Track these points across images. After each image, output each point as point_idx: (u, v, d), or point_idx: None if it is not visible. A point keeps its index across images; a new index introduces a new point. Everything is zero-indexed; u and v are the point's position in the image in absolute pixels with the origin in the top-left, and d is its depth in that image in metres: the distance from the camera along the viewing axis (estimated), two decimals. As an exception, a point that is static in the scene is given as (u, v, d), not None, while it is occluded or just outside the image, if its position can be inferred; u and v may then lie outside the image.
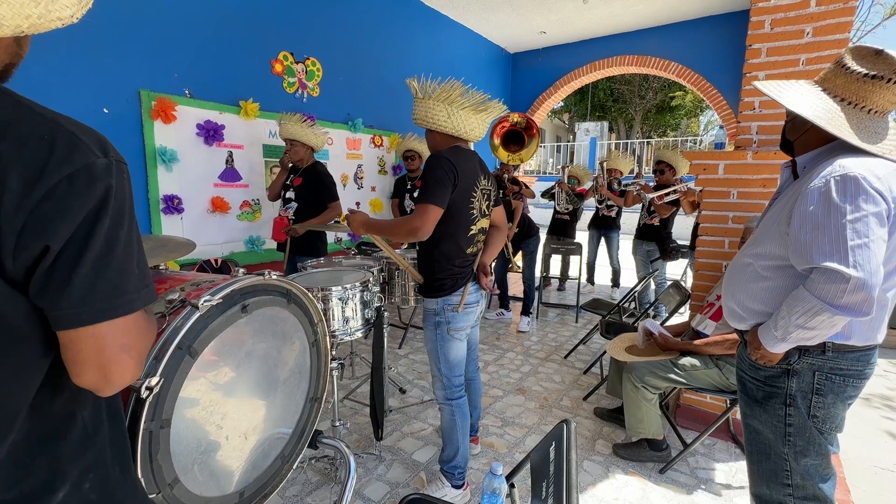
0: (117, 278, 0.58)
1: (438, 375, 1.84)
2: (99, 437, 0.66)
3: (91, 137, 0.57)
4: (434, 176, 1.62)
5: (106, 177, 0.56)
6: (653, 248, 4.32)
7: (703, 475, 2.10)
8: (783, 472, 1.27)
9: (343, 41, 3.93)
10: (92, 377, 0.58)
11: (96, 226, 0.55)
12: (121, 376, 0.60)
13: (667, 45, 5.33)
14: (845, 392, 1.18)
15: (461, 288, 1.79)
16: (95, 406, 0.66)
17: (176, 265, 2.79)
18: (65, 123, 0.55)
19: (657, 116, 20.40)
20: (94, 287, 0.55)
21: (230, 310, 1.04)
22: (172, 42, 2.80)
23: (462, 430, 1.87)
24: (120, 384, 0.61)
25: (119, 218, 0.57)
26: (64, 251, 0.53)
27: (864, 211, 1.02)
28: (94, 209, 0.54)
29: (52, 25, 0.55)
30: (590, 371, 3.21)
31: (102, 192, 0.55)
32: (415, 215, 1.62)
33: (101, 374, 0.58)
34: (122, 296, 0.58)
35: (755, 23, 2.23)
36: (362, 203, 4.38)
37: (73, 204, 0.53)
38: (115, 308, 0.57)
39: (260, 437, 1.20)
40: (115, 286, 0.57)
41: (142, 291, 0.61)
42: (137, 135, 2.70)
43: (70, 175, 0.52)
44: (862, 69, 1.11)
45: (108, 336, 0.57)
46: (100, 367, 0.58)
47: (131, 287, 0.59)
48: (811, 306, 1.06)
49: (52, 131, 0.53)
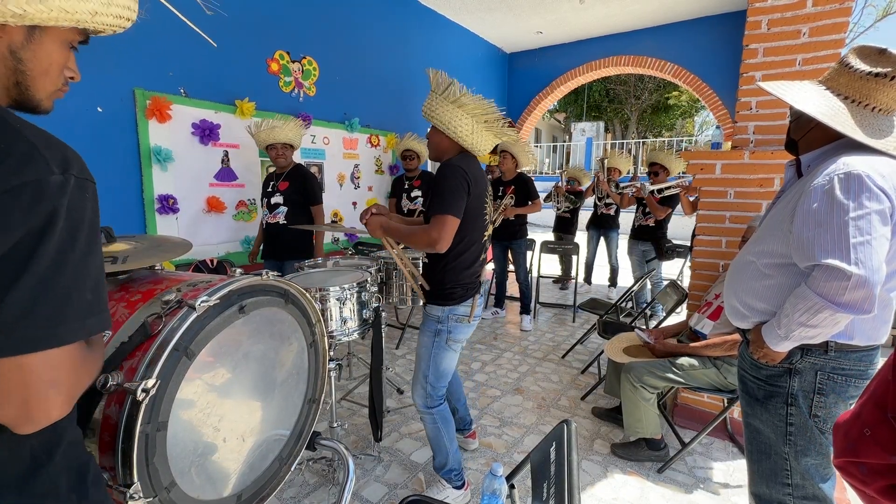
0: (57, 305, 0.52)
1: (423, 383, 1.80)
2: (51, 466, 0.61)
3: (55, 152, 0.53)
4: (449, 185, 1.59)
5: (57, 195, 0.51)
6: (648, 248, 4.33)
7: (701, 474, 2.10)
8: (783, 472, 1.27)
9: (340, 40, 3.92)
10: (11, 412, 0.52)
11: (39, 246, 0.50)
12: (45, 414, 0.53)
13: (663, 46, 5.35)
14: (847, 392, 1.18)
15: (469, 299, 1.75)
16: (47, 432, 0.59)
17: (171, 265, 2.77)
18: (29, 135, 0.52)
19: (652, 116, 20.49)
20: (27, 313, 0.50)
21: (227, 310, 1.03)
22: (167, 40, 2.77)
23: (447, 434, 1.83)
24: (43, 422, 0.54)
25: (70, 240, 0.52)
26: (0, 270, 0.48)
27: (867, 208, 1.02)
28: (37, 228, 0.50)
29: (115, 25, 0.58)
30: (587, 371, 3.21)
31: (50, 210, 0.50)
32: (432, 227, 1.58)
33: (23, 410, 0.52)
34: (60, 325, 0.52)
35: (752, 23, 2.24)
36: (359, 203, 4.37)
37: (12, 218, 0.48)
38: (46, 339, 0.51)
39: (257, 438, 1.18)
40: (54, 314, 0.52)
41: (88, 321, 0.55)
42: (132, 134, 2.67)
43: (14, 188, 0.48)
44: (866, 67, 1.12)
45: (37, 369, 0.51)
46: (22, 403, 0.51)
47: (73, 315, 0.53)
48: (813, 304, 1.06)
49: (9, 142, 0.50)
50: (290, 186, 2.98)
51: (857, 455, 0.61)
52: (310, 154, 3.78)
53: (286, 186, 2.98)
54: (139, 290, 1.06)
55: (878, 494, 0.59)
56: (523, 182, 4.03)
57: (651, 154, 4.39)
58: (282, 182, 2.99)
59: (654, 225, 4.25)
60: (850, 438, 0.63)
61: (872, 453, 0.59)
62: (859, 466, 0.60)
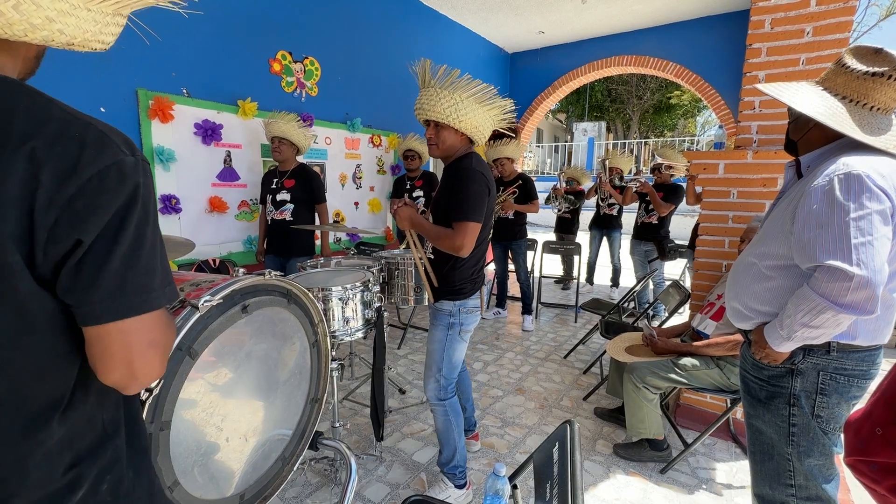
0: (145, 275, 0.58)
1: (437, 376, 1.83)
2: (118, 440, 0.66)
3: (119, 137, 0.58)
4: (473, 192, 1.61)
5: (134, 174, 0.57)
6: (651, 249, 4.32)
7: (703, 475, 2.09)
8: (786, 473, 1.27)
9: (342, 41, 3.92)
10: (119, 374, 0.58)
11: (126, 221, 0.55)
12: (147, 373, 0.60)
13: (665, 46, 5.34)
14: (850, 392, 1.18)
15: (477, 292, 1.81)
16: (115, 408, 0.66)
17: (174, 265, 2.77)
18: (95, 123, 0.56)
19: (654, 116, 20.46)
20: (123, 282, 0.56)
21: (230, 310, 1.03)
22: (170, 41, 2.78)
23: (457, 428, 1.86)
24: (146, 381, 0.61)
25: (146, 215, 0.58)
26: (94, 246, 0.53)
27: (867, 209, 1.01)
28: (123, 205, 0.55)
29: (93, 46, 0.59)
30: (589, 371, 3.20)
31: (132, 189, 0.56)
32: (458, 234, 1.61)
33: (129, 370, 0.58)
34: (149, 292, 0.59)
35: (755, 22, 2.23)
36: (361, 203, 4.37)
37: (104, 199, 0.54)
38: (142, 304, 0.58)
39: (260, 438, 1.19)
40: (143, 282, 0.58)
41: (166, 289, 0.61)
42: (135, 134, 2.68)
43: (101, 171, 0.53)
44: (862, 67, 1.12)
45: (136, 332, 0.58)
46: (127, 364, 0.58)
47: (157, 284, 0.60)
48: (815, 305, 1.06)
49: (82, 129, 0.54)
50: (296, 184, 3.05)
51: (869, 454, 0.61)
52: (312, 154, 3.78)
53: (292, 184, 3.05)
54: (142, 289, 1.06)
55: (889, 493, 0.59)
56: (524, 182, 4.03)
57: (656, 151, 4.39)
58: (287, 180, 3.06)
59: (657, 223, 4.24)
60: (860, 437, 0.63)
61: (884, 452, 0.59)
62: (870, 465, 0.60)
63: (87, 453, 0.62)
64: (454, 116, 1.61)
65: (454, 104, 1.60)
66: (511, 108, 1.75)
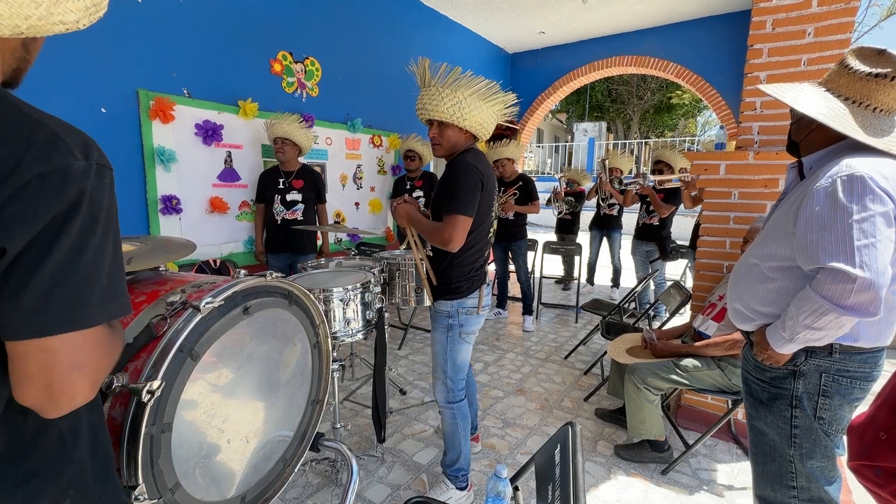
0: (79, 289, 0.53)
1: (443, 378, 1.82)
2: (78, 452, 0.62)
3: (75, 140, 0.54)
4: (464, 185, 1.59)
5: (81, 180, 0.52)
6: (652, 249, 4.32)
7: (705, 476, 2.09)
8: (788, 475, 1.27)
9: (342, 41, 3.92)
10: (35, 395, 0.53)
11: (63, 230, 0.51)
12: (69, 398, 0.55)
13: (666, 46, 5.34)
14: (852, 394, 1.17)
15: (476, 291, 1.78)
16: (74, 418, 0.62)
17: (175, 266, 2.77)
18: (51, 124, 0.53)
19: (655, 117, 20.45)
20: (49, 296, 0.51)
21: (232, 312, 1.03)
22: (171, 41, 2.78)
23: (464, 432, 1.86)
24: (68, 406, 0.55)
25: (91, 225, 0.54)
26: (23, 255, 0.49)
27: (870, 211, 1.01)
28: (62, 213, 0.51)
29: (55, 29, 0.53)
30: (590, 372, 3.20)
31: (75, 196, 0.52)
32: (446, 226, 1.59)
33: (47, 393, 0.53)
34: (81, 308, 0.53)
35: (756, 23, 2.23)
36: (361, 203, 4.37)
37: (40, 205, 0.49)
38: (70, 321, 0.52)
39: (261, 439, 1.18)
40: (75, 297, 0.53)
41: (107, 304, 0.56)
42: (135, 135, 2.68)
43: (42, 175, 0.49)
44: (865, 68, 1.12)
45: (59, 351, 0.52)
46: (46, 386, 0.53)
47: (94, 299, 0.54)
48: (818, 307, 1.05)
49: (32, 130, 0.51)
50: (305, 185, 3.13)
51: (872, 458, 0.61)
52: (312, 155, 3.78)
53: (302, 184, 3.12)
54: (144, 291, 1.06)
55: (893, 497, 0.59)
56: (525, 182, 4.03)
57: (656, 152, 4.38)
58: (295, 180, 3.12)
59: (658, 224, 4.24)
60: (864, 442, 0.63)
61: (888, 456, 0.59)
62: (874, 470, 0.60)
63: (42, 467, 0.58)
64: (458, 115, 1.60)
65: (457, 102, 1.60)
66: (514, 101, 1.74)
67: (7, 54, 0.57)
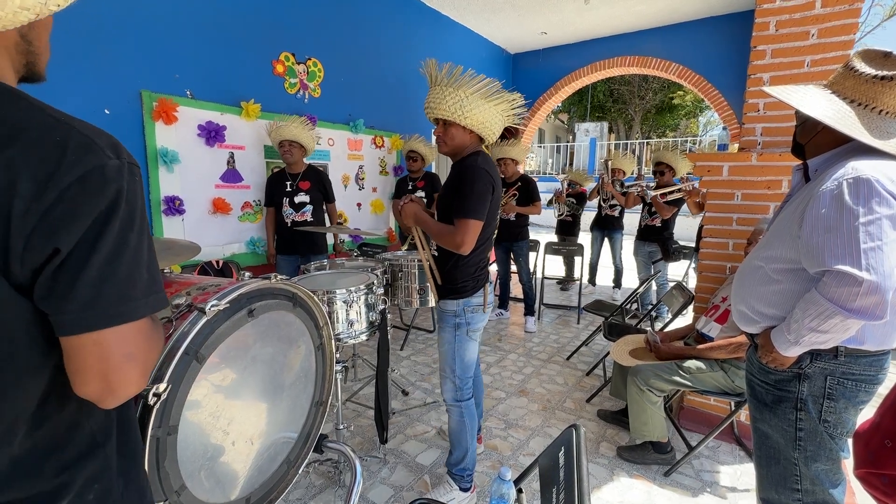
0: (124, 283, 0.56)
1: (451, 377, 1.83)
2: (107, 447, 0.65)
3: (104, 140, 0.56)
4: (477, 190, 1.60)
5: (118, 178, 0.54)
6: (654, 250, 4.31)
7: (707, 478, 2.09)
8: (792, 477, 1.26)
9: (345, 42, 3.92)
10: (94, 387, 0.56)
11: (106, 228, 0.53)
12: (125, 387, 0.57)
13: (668, 46, 5.33)
14: (857, 397, 1.17)
15: (480, 290, 1.80)
16: (105, 415, 0.65)
17: (177, 267, 2.78)
18: (79, 126, 0.55)
19: (656, 117, 20.41)
20: (99, 291, 0.53)
21: (237, 314, 1.03)
22: (174, 43, 2.78)
23: (471, 431, 1.86)
24: (124, 396, 0.58)
25: (129, 221, 0.56)
26: (72, 253, 0.52)
27: (877, 213, 1.01)
28: (104, 211, 0.53)
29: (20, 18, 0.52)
30: (592, 373, 3.20)
31: (114, 194, 0.54)
32: (459, 230, 1.61)
33: (105, 383, 0.56)
34: (128, 302, 0.56)
35: (760, 24, 2.23)
36: (363, 204, 4.37)
37: (84, 205, 0.52)
38: (120, 314, 0.55)
39: (266, 441, 1.19)
40: (122, 291, 0.55)
41: (150, 298, 0.59)
42: (139, 136, 2.68)
43: (81, 176, 0.52)
44: (871, 70, 1.11)
45: (113, 344, 0.55)
46: (103, 377, 0.55)
47: (138, 293, 0.57)
48: (824, 309, 1.05)
49: (64, 134, 0.52)
50: (311, 186, 3.15)
51: (879, 466, 0.60)
52: (315, 155, 3.78)
53: (308, 186, 3.14)
54: (149, 293, 1.06)
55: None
56: (526, 183, 4.03)
57: (657, 153, 4.37)
58: (302, 181, 3.13)
59: (661, 225, 4.23)
60: (870, 449, 0.63)
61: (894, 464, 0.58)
62: (881, 478, 0.60)
63: (73, 461, 0.60)
64: (459, 113, 1.61)
65: (459, 101, 1.61)
66: (521, 102, 1.73)
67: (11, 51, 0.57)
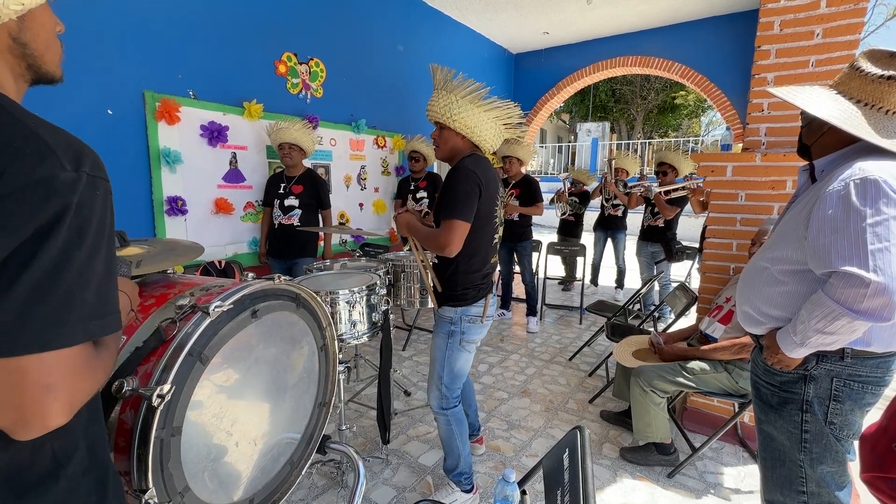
0: (59, 306, 0.50)
1: (438, 384, 1.79)
2: (71, 468, 0.60)
3: (67, 150, 0.52)
4: (460, 190, 1.58)
5: (67, 192, 0.50)
6: (657, 250, 4.30)
7: (711, 479, 2.08)
8: (798, 479, 1.26)
9: (347, 42, 3.92)
10: (7, 417, 0.50)
11: (45, 244, 0.48)
12: (40, 421, 0.51)
13: (671, 46, 5.32)
14: (864, 399, 1.16)
15: (482, 299, 1.76)
16: (68, 434, 0.60)
17: (180, 268, 2.78)
18: (43, 134, 0.51)
19: (659, 117, 20.36)
20: (24, 314, 0.48)
21: (240, 315, 1.03)
22: (176, 43, 2.79)
23: (461, 437, 1.83)
24: (38, 430, 0.51)
25: (78, 238, 0.51)
26: (2, 269, 0.47)
27: (884, 214, 1.00)
28: (45, 225, 0.48)
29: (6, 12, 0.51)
30: (595, 373, 3.19)
31: (58, 209, 0.49)
32: (443, 231, 1.58)
33: (18, 415, 0.50)
34: (59, 327, 0.50)
35: (764, 24, 2.22)
36: (365, 204, 4.37)
37: (21, 217, 0.47)
38: (44, 341, 0.49)
39: (269, 442, 1.18)
40: (53, 315, 0.50)
41: (90, 323, 0.53)
42: (141, 136, 2.69)
43: (24, 186, 0.47)
44: (877, 70, 1.11)
45: (31, 372, 0.49)
46: (17, 408, 0.49)
47: (75, 317, 0.51)
48: (830, 311, 1.05)
49: (22, 141, 0.49)
50: (304, 190, 3.12)
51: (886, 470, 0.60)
52: (317, 155, 3.78)
53: (300, 190, 3.12)
54: (152, 294, 1.06)
55: None
56: (528, 183, 4.03)
57: (659, 154, 4.36)
58: (295, 185, 3.11)
59: (664, 225, 4.22)
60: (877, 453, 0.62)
61: None
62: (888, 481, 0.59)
63: (33, 486, 0.56)
64: (448, 115, 1.62)
65: (448, 104, 1.62)
66: (517, 112, 1.73)
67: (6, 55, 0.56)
